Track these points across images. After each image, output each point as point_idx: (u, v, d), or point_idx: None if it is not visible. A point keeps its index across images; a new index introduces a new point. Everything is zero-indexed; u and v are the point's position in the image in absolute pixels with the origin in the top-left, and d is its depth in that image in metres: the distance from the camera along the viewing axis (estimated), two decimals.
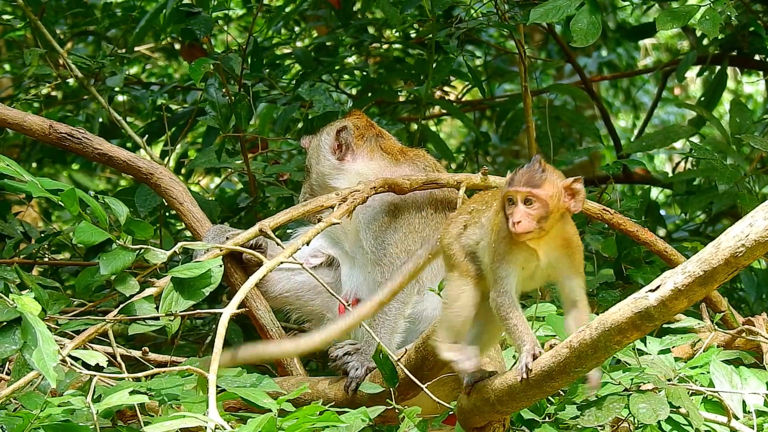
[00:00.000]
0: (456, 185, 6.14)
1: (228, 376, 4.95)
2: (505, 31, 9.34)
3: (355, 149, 6.30)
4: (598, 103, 10.04)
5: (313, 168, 6.36)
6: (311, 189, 6.37)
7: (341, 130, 6.31)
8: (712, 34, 6.69)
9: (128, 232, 5.31)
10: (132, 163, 6.25)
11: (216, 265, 5.27)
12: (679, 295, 4.17)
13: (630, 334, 4.31)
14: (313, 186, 6.36)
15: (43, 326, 4.43)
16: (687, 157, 8.90)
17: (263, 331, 6.16)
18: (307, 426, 4.26)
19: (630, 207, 7.18)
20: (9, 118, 6.19)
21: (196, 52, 8.79)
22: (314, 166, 6.35)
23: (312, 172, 6.37)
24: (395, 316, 5.95)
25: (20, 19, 8.44)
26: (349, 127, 6.31)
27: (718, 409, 5.10)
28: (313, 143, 6.41)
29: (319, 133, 6.42)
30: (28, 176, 5.08)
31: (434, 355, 5.31)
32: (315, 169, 6.34)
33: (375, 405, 5.07)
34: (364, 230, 6.12)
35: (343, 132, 6.30)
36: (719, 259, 4.09)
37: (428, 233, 6.09)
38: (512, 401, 4.61)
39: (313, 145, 6.41)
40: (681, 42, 13.38)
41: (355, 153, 6.31)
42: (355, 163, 6.30)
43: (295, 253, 5.62)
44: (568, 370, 4.44)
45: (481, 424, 4.79)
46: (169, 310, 5.15)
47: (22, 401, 4.70)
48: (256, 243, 5.96)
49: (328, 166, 6.31)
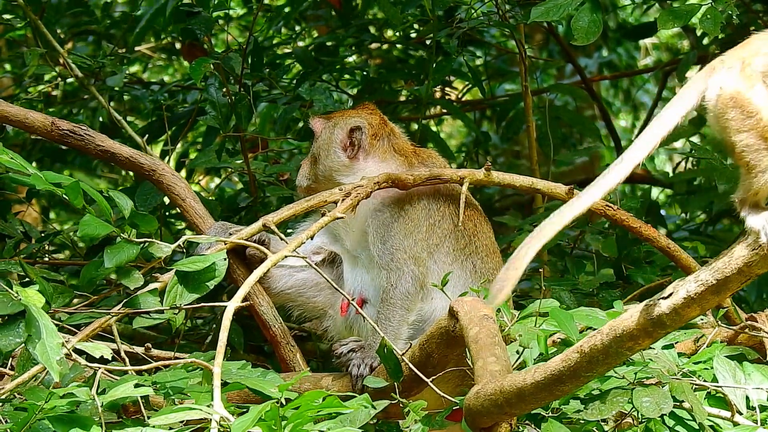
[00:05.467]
0: (459, 180, 6.13)
1: (232, 371, 4.95)
2: (505, 30, 9.35)
3: (368, 149, 6.25)
4: (598, 103, 10.06)
5: (321, 159, 6.28)
6: (316, 177, 6.30)
7: (355, 129, 6.23)
8: (712, 34, 6.69)
9: (132, 225, 5.31)
10: (135, 160, 6.24)
11: (220, 258, 5.27)
12: (691, 303, 4.20)
13: (641, 341, 4.33)
14: (318, 175, 6.30)
15: (47, 319, 4.43)
16: (687, 156, 8.90)
17: (266, 328, 6.15)
18: (310, 413, 4.25)
19: (631, 207, 7.17)
20: (11, 115, 6.17)
21: (196, 52, 8.79)
22: (323, 158, 6.27)
23: (319, 163, 6.29)
24: (399, 323, 5.94)
25: (20, 19, 8.44)
26: (363, 128, 6.21)
27: (721, 404, 5.09)
28: (324, 134, 6.30)
29: (332, 123, 6.31)
30: (32, 169, 5.07)
31: (438, 353, 5.32)
32: (323, 162, 6.27)
33: None
34: (372, 234, 6.09)
35: (357, 132, 6.22)
36: (732, 268, 4.10)
37: (435, 240, 6.08)
38: (521, 403, 4.61)
39: (324, 136, 6.30)
40: (681, 41, 13.39)
41: (368, 153, 6.25)
42: (367, 163, 6.23)
43: (298, 249, 5.62)
44: (579, 374, 4.46)
45: (488, 425, 4.79)
46: (174, 303, 5.15)
47: (26, 395, 4.69)
48: (260, 239, 5.95)
49: (337, 162, 6.24)
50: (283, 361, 6.17)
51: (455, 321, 5.15)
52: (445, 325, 5.23)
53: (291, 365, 6.13)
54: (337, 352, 5.86)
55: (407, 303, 5.93)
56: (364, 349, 5.84)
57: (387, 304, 5.93)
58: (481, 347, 4.86)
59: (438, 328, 5.30)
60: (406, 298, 5.94)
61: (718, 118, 4.37)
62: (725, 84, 4.35)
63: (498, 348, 4.89)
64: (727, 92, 4.34)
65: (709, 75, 4.42)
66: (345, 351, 5.85)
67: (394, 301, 5.93)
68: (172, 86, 9.52)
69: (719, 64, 4.41)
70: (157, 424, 4.27)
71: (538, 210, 7.89)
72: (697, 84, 4.44)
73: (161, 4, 8.95)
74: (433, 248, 6.06)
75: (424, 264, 6.02)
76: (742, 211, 4.36)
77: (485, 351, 4.83)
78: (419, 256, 6.01)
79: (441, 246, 6.08)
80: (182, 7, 8.05)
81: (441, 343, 5.30)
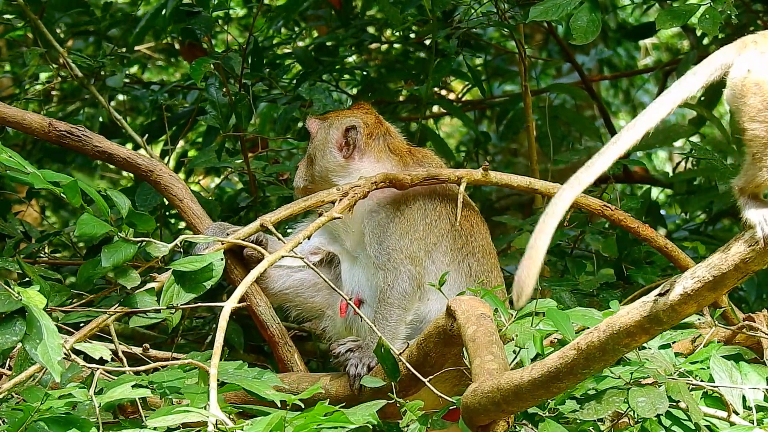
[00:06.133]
0: (457, 180, 6.14)
1: (229, 370, 4.95)
2: (505, 30, 9.35)
3: (364, 149, 6.25)
4: (598, 103, 10.04)
5: (317, 160, 6.28)
6: (312, 178, 6.30)
7: (350, 129, 6.23)
8: (712, 33, 6.69)
9: (130, 224, 5.30)
10: (132, 161, 6.25)
11: (217, 258, 5.27)
12: (688, 299, 4.20)
13: (638, 338, 4.33)
14: (314, 176, 6.30)
15: (48, 319, 4.44)
16: (687, 156, 8.90)
17: (264, 328, 6.16)
18: (314, 426, 4.25)
19: (630, 207, 7.17)
20: (8, 116, 6.18)
21: (196, 52, 8.79)
22: (319, 158, 6.27)
23: (315, 163, 6.29)
24: (396, 323, 5.95)
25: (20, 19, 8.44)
26: (358, 127, 6.21)
27: (718, 404, 5.10)
28: (320, 135, 6.29)
29: (328, 123, 6.31)
30: (31, 168, 5.07)
31: (435, 352, 5.32)
32: (319, 162, 6.27)
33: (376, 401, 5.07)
34: (369, 234, 6.09)
35: (352, 131, 6.22)
36: (729, 265, 4.10)
37: (432, 240, 6.08)
38: (518, 401, 4.61)
39: (319, 136, 6.29)
40: (681, 41, 13.37)
41: (363, 153, 6.25)
42: (362, 163, 6.23)
43: (296, 249, 5.62)
44: (576, 371, 4.45)
45: (485, 423, 4.79)
46: (171, 302, 5.15)
47: (23, 395, 4.69)
48: (257, 239, 5.95)
49: (333, 162, 6.23)
50: (280, 361, 6.18)
51: (453, 320, 5.15)
52: (443, 324, 5.23)
53: (289, 365, 6.14)
54: (335, 352, 5.87)
55: (404, 303, 5.94)
56: (362, 349, 5.84)
57: (384, 304, 5.93)
58: (479, 346, 4.86)
59: (435, 327, 5.30)
60: (403, 297, 5.94)
61: (736, 98, 4.25)
62: (754, 67, 4.22)
63: (495, 346, 4.89)
64: (754, 76, 4.22)
65: (739, 52, 4.28)
66: (343, 351, 5.85)
67: (391, 300, 5.93)
68: (172, 86, 9.52)
69: (752, 44, 4.27)
70: (153, 426, 4.27)
71: (538, 210, 7.88)
72: (725, 57, 4.29)
73: (161, 4, 8.96)
74: (430, 247, 6.06)
75: (421, 264, 6.02)
76: (740, 198, 4.32)
77: (482, 349, 4.83)
78: (416, 256, 6.01)
79: (438, 245, 6.09)
80: (182, 7, 8.04)
81: (438, 342, 5.30)
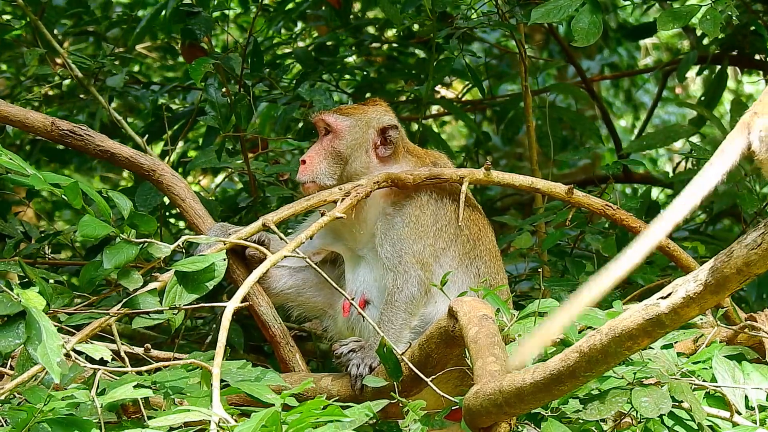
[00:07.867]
0: (459, 180, 6.13)
1: (232, 370, 4.95)
2: (505, 31, 9.35)
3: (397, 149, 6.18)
4: (598, 103, 10.05)
5: (351, 160, 6.12)
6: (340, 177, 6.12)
7: (390, 128, 6.14)
8: (712, 34, 6.69)
9: (132, 225, 5.30)
10: (134, 160, 6.24)
11: (219, 258, 5.27)
12: (690, 302, 4.20)
13: (641, 341, 4.33)
14: (343, 176, 6.13)
15: (47, 321, 4.43)
16: (687, 156, 8.90)
17: (265, 328, 6.15)
18: (311, 420, 4.26)
19: (631, 207, 7.17)
20: (11, 115, 6.18)
21: (196, 52, 8.79)
22: (353, 158, 6.12)
23: (349, 163, 6.12)
24: (401, 327, 5.94)
25: (20, 19, 8.44)
26: (399, 127, 6.14)
27: (720, 404, 5.09)
28: (354, 133, 6.14)
29: (363, 121, 6.17)
30: (31, 170, 5.07)
31: (437, 353, 5.32)
32: (352, 164, 6.12)
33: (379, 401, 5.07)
34: (381, 235, 6.05)
35: (392, 131, 6.14)
36: (731, 268, 4.10)
37: (442, 245, 6.06)
38: (520, 403, 4.60)
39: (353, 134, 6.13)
40: (681, 42, 13.39)
41: (395, 153, 6.18)
42: (389, 163, 6.18)
43: (298, 249, 5.62)
44: (578, 374, 4.45)
45: (487, 425, 4.79)
46: (173, 303, 5.15)
47: (26, 395, 4.69)
48: (259, 239, 5.95)
49: (366, 162, 6.15)
50: (282, 361, 6.17)
51: (454, 321, 5.15)
52: (445, 325, 5.23)
53: (290, 365, 6.13)
54: (337, 352, 5.86)
55: (411, 307, 5.93)
56: (364, 349, 5.83)
57: (391, 307, 5.92)
58: (481, 347, 4.86)
59: (437, 329, 5.30)
60: (410, 302, 5.93)
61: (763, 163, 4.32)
62: None
63: (497, 348, 4.89)
64: None
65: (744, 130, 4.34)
66: (345, 351, 5.85)
67: (398, 304, 5.92)
68: (172, 86, 9.52)
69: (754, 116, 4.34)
70: (156, 426, 4.27)
71: (539, 210, 7.88)
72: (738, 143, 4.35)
73: (161, 5, 8.96)
74: (439, 252, 6.05)
75: (430, 269, 6.01)
76: None
77: (484, 351, 4.83)
78: (426, 261, 6.00)
79: (447, 250, 6.08)
80: (182, 8, 8.04)
81: (440, 343, 5.30)
